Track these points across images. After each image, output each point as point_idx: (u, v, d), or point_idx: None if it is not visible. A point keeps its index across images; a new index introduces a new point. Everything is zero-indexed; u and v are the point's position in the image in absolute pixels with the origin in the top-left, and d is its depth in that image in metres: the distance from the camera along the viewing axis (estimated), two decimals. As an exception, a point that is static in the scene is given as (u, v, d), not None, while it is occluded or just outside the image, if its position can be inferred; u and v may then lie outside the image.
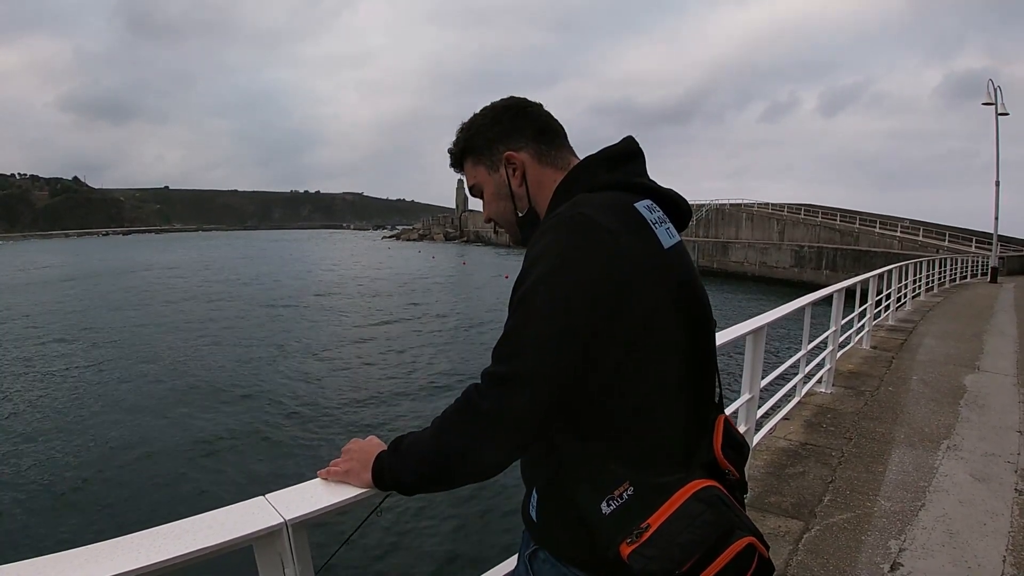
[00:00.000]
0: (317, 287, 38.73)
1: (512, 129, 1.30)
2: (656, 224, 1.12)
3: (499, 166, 1.32)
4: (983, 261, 24.60)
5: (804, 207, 42.95)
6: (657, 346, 1.07)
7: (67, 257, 79.51)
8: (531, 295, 1.05)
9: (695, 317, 1.16)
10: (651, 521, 0.99)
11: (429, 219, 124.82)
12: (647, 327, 1.06)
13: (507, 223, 1.37)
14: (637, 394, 1.07)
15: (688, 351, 1.13)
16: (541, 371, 1.03)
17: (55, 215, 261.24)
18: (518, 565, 1.32)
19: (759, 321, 3.68)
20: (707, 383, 1.22)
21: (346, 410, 12.90)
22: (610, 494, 1.03)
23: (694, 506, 1.00)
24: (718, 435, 1.16)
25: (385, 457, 1.21)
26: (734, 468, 1.15)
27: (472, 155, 1.36)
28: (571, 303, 1.02)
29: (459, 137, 1.37)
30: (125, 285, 41.05)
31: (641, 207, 1.13)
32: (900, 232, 34.79)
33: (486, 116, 1.33)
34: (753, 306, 20.71)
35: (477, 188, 1.39)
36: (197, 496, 8.75)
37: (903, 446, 4.55)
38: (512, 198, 1.32)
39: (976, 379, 6.48)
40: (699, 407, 1.18)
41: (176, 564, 1.01)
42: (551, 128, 1.33)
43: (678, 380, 1.12)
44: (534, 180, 1.30)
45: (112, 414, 12.76)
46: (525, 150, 1.30)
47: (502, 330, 1.07)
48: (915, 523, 3.36)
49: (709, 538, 0.97)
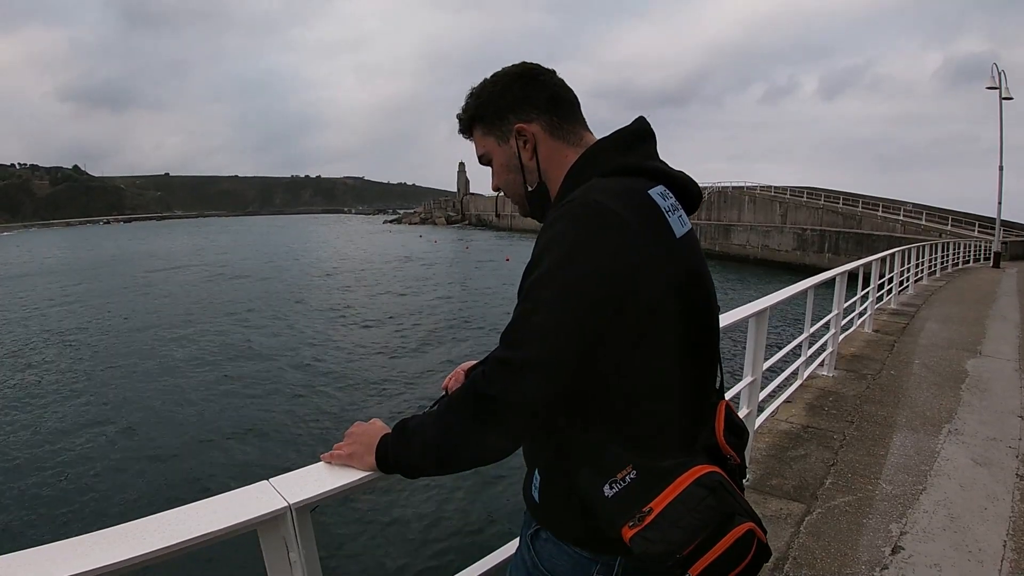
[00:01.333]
0: (318, 273, 38.71)
1: (523, 99, 1.25)
2: (669, 212, 1.11)
3: (509, 137, 1.27)
4: (986, 246, 24.50)
5: (807, 190, 42.80)
6: (663, 334, 1.07)
7: (67, 249, 79.28)
8: (542, 282, 1.04)
9: (701, 306, 1.16)
10: (653, 505, 1.00)
11: (431, 203, 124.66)
12: (654, 317, 1.05)
13: (516, 196, 1.34)
14: (641, 381, 1.07)
15: (692, 339, 1.13)
16: (549, 359, 1.02)
17: (56, 204, 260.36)
18: (520, 544, 1.33)
19: (762, 304, 3.67)
20: (710, 369, 1.22)
21: (349, 393, 12.97)
22: (612, 477, 1.04)
23: (696, 491, 1.01)
24: (720, 421, 1.17)
25: (389, 440, 1.21)
26: (735, 453, 1.16)
27: (481, 124, 1.31)
28: (582, 293, 1.01)
29: (468, 104, 1.31)
30: (127, 274, 41.13)
31: (655, 194, 1.11)
32: (903, 216, 34.65)
33: (497, 83, 1.28)
34: (755, 289, 20.71)
35: (486, 158, 1.34)
36: (201, 481, 8.81)
37: (905, 430, 4.56)
38: (522, 171, 1.28)
39: (978, 364, 6.47)
40: (702, 393, 1.18)
41: (181, 549, 1.02)
42: (565, 98, 1.28)
43: (682, 367, 1.12)
44: (545, 154, 1.26)
45: (115, 400, 12.85)
46: (537, 122, 1.25)
47: (510, 315, 1.07)
48: (916, 507, 3.37)
49: (711, 523, 0.98)
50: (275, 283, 33.22)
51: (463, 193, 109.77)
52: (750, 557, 1.00)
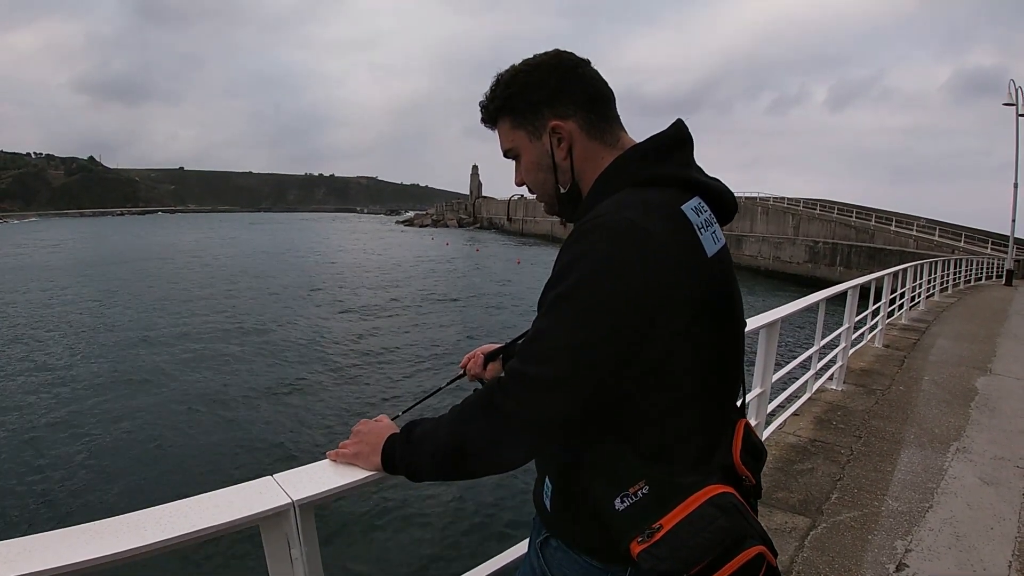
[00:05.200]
0: (329, 271, 38.92)
1: (560, 93, 1.17)
2: (702, 228, 1.07)
3: (542, 134, 1.19)
4: (999, 263, 24.34)
5: (820, 202, 42.65)
6: (689, 354, 1.05)
7: (81, 240, 79.75)
8: (568, 298, 1.01)
9: (729, 324, 1.14)
10: (664, 522, 0.98)
11: (443, 205, 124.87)
12: (680, 338, 1.03)
13: (546, 196, 1.26)
14: (663, 399, 1.05)
15: (718, 358, 1.12)
16: (571, 378, 1.00)
17: (71, 194, 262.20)
18: (529, 551, 1.32)
19: (773, 315, 3.66)
20: (733, 388, 1.20)
21: (356, 388, 13.02)
22: (625, 491, 1.02)
23: (709, 511, 0.99)
24: (737, 440, 1.14)
25: (397, 443, 1.19)
26: (751, 474, 1.14)
27: (511, 116, 1.21)
28: (607, 314, 0.98)
29: (496, 92, 1.21)
30: (141, 266, 41.38)
31: (688, 209, 1.06)
32: (916, 231, 34.43)
33: (531, 74, 1.18)
34: (766, 301, 20.65)
35: (513, 152, 1.25)
36: (205, 475, 8.84)
37: (912, 446, 4.52)
38: (555, 171, 1.21)
39: (988, 382, 6.42)
40: (722, 411, 1.16)
41: (183, 543, 1.01)
42: (603, 95, 1.20)
43: (705, 386, 1.10)
44: (581, 154, 1.18)
45: (120, 394, 12.89)
46: (573, 119, 1.17)
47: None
48: (922, 524, 3.34)
49: (721, 544, 0.96)
50: (286, 280, 33.33)
51: (475, 196, 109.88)
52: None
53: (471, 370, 1.67)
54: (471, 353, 1.67)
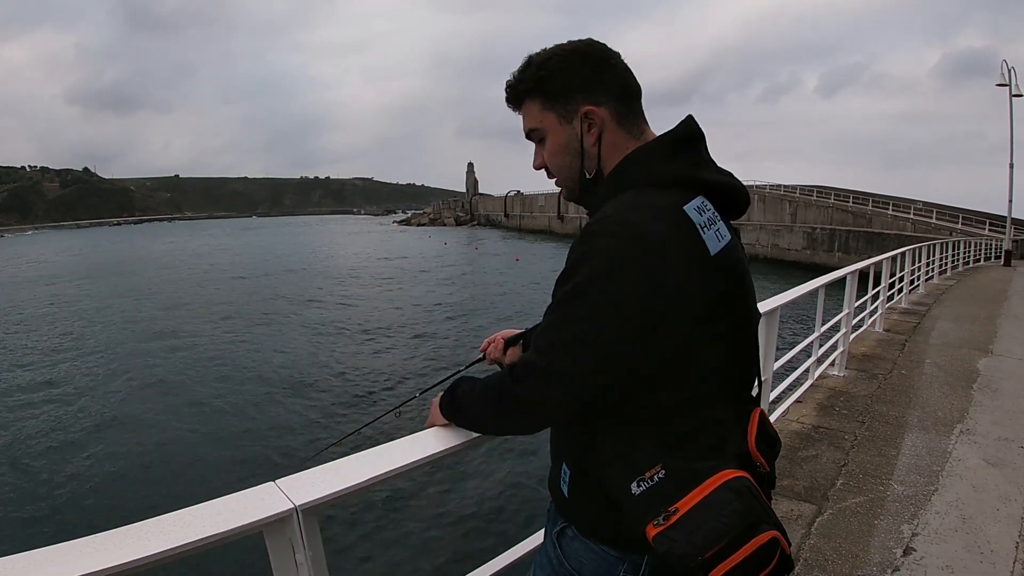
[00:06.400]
0: (330, 272, 38.94)
1: (595, 82, 1.19)
2: (705, 227, 1.09)
3: (573, 118, 1.21)
4: (997, 244, 24.37)
5: (816, 189, 42.60)
6: (704, 348, 1.09)
7: (76, 251, 79.66)
8: (576, 295, 1.06)
9: (741, 316, 1.17)
10: (679, 505, 1.01)
11: (440, 203, 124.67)
12: (692, 333, 1.07)
13: (569, 179, 1.28)
14: (677, 389, 1.09)
15: (732, 349, 1.15)
16: (575, 371, 1.06)
17: (67, 206, 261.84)
18: (545, 542, 1.33)
19: (773, 303, 3.66)
20: (747, 377, 1.23)
21: (357, 393, 12.98)
22: (641, 475, 1.05)
23: (724, 494, 1.01)
24: (752, 428, 1.17)
25: (444, 398, 1.36)
26: (765, 462, 1.16)
27: (542, 98, 1.23)
28: (614, 311, 1.03)
29: (528, 74, 1.23)
30: (139, 273, 41.38)
31: (691, 209, 1.09)
32: (913, 214, 34.43)
33: (566, 59, 1.20)
34: (765, 288, 20.64)
35: (537, 133, 1.27)
36: (206, 482, 8.85)
37: (916, 430, 4.52)
38: (582, 156, 1.22)
39: (990, 363, 6.42)
40: (737, 400, 1.19)
41: (186, 551, 1.01)
42: (632, 87, 1.23)
43: (721, 376, 1.13)
44: (609, 143, 1.21)
45: (122, 399, 12.94)
46: (606, 107, 1.19)
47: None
48: (928, 508, 3.34)
49: (735, 528, 0.98)
50: (286, 282, 33.36)
51: (472, 193, 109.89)
52: (772, 566, 1.00)
53: (491, 354, 1.74)
54: (491, 337, 1.75)
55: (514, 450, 8.96)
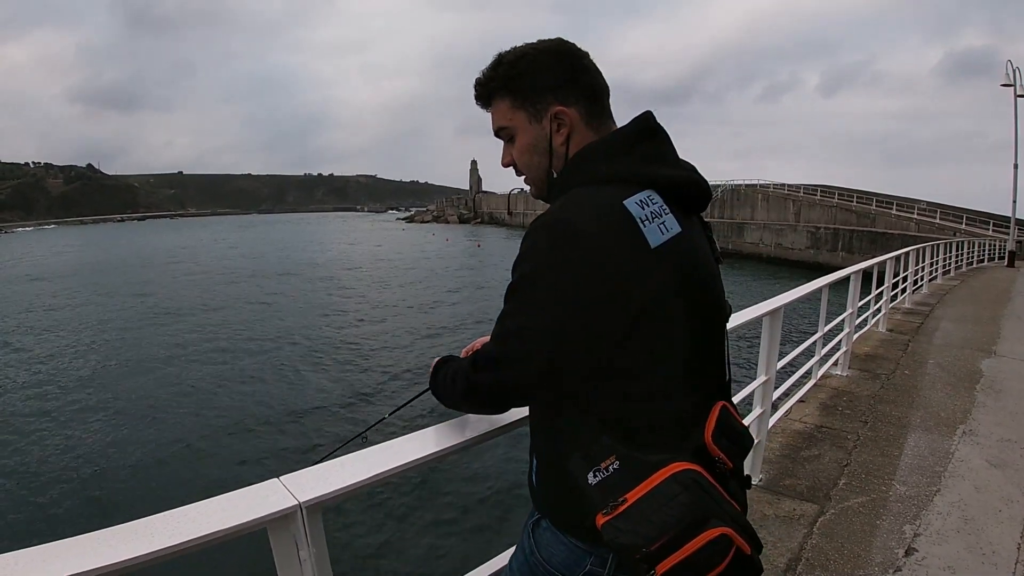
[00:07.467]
0: (333, 269, 38.91)
1: (566, 81, 1.21)
2: (647, 220, 1.10)
3: (543, 118, 1.22)
4: (1001, 245, 24.29)
5: (820, 188, 42.53)
6: (655, 339, 1.10)
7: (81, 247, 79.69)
8: (516, 289, 1.13)
9: (700, 305, 1.18)
10: (628, 496, 1.01)
11: (443, 201, 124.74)
12: (639, 321, 1.08)
13: (537, 178, 1.30)
14: (633, 379, 1.11)
15: (691, 339, 1.15)
16: (523, 355, 1.12)
17: (70, 202, 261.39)
18: (522, 532, 1.35)
19: (776, 302, 3.65)
20: (712, 370, 1.24)
21: (361, 390, 12.98)
22: (597, 466, 1.06)
23: (671, 487, 1.01)
24: (711, 422, 1.15)
25: (429, 383, 1.42)
26: (726, 457, 1.14)
27: (513, 97, 1.24)
28: (554, 299, 1.08)
29: (498, 72, 1.24)
30: (142, 269, 41.40)
31: (632, 204, 1.10)
32: (917, 214, 34.38)
33: (537, 59, 1.21)
34: (768, 288, 20.62)
35: (507, 132, 1.28)
36: (210, 478, 8.83)
37: (919, 430, 4.52)
38: (550, 155, 1.24)
39: (993, 364, 6.41)
40: (697, 393, 1.18)
41: (190, 548, 1.02)
42: (601, 87, 1.25)
43: (676, 368, 1.13)
44: (577, 142, 1.22)
45: (125, 396, 12.93)
46: (575, 107, 1.21)
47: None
48: (930, 508, 3.34)
49: (682, 521, 0.97)
50: (289, 279, 33.40)
51: (475, 191, 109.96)
52: (724, 565, 0.97)
53: None
54: (471, 345, 1.73)
55: (519, 447, 8.94)
